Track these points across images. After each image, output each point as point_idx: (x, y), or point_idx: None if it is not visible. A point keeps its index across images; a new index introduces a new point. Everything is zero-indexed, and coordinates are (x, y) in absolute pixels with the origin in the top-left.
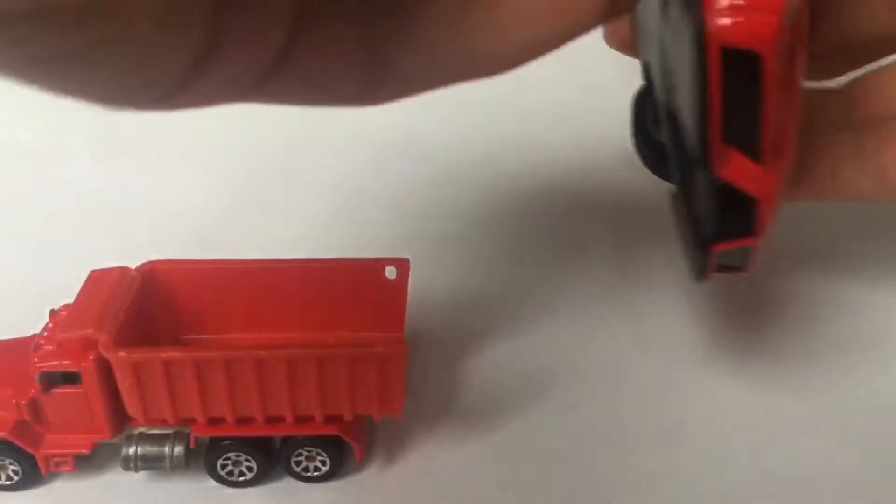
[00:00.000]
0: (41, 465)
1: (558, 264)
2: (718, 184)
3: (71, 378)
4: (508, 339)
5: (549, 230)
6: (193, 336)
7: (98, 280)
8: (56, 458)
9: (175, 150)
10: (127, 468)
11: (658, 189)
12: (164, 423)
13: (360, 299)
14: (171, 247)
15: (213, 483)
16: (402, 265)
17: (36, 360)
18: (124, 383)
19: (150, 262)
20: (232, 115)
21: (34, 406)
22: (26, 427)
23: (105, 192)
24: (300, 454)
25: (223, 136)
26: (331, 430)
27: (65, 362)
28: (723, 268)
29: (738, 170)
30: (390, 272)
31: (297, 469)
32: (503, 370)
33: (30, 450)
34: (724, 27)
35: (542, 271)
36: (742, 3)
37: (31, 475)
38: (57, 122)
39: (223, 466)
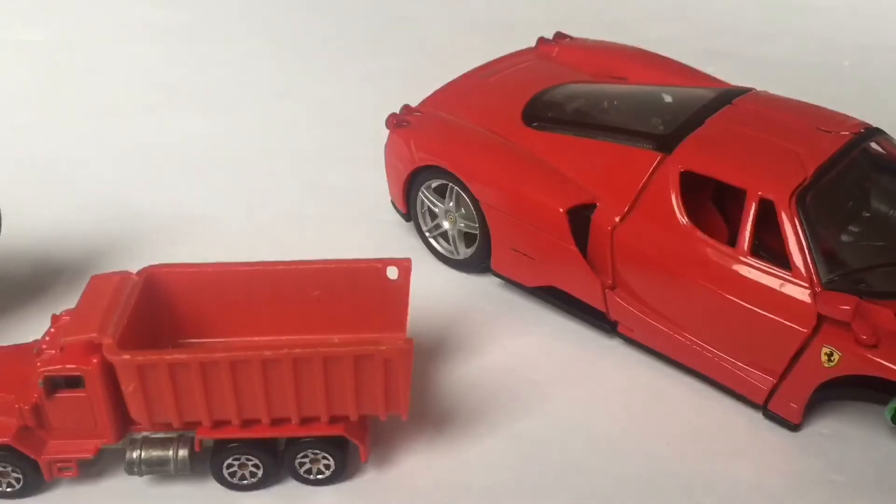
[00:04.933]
0: (44, 470)
1: None
2: None
3: (74, 382)
4: (511, 339)
5: None
6: (195, 339)
7: (99, 285)
8: (59, 464)
9: (175, 155)
10: (131, 472)
11: None
12: (168, 426)
13: (361, 300)
14: (171, 250)
15: (217, 487)
16: (403, 265)
17: (39, 364)
18: (128, 387)
19: (151, 267)
20: (234, 120)
21: (37, 411)
22: (29, 433)
23: (107, 198)
24: (305, 456)
25: (225, 141)
26: (336, 431)
27: (68, 366)
28: None
29: None
30: (392, 272)
31: (302, 472)
32: (505, 370)
33: (33, 455)
34: None
35: None
36: None
37: (33, 482)
38: (61, 130)
39: (229, 468)
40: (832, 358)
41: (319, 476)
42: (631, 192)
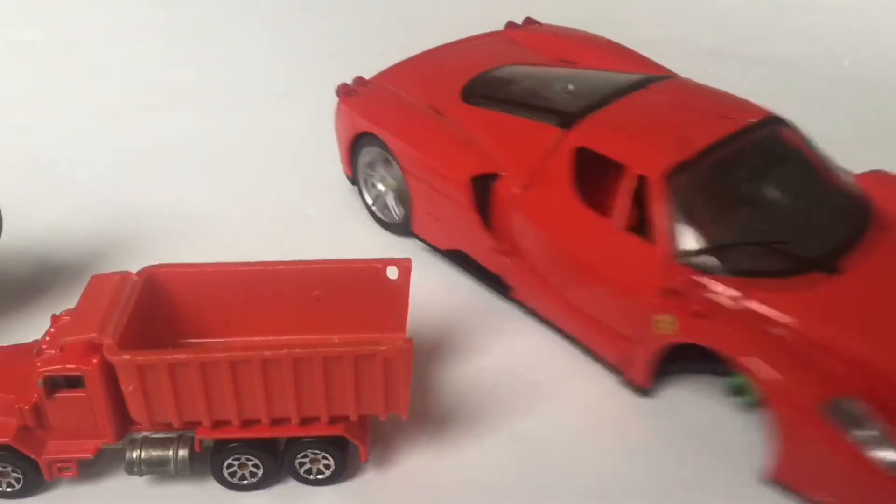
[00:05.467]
0: (44, 470)
1: None
2: None
3: (74, 382)
4: (511, 339)
5: None
6: (195, 339)
7: (99, 285)
8: (59, 464)
9: (175, 155)
10: (131, 472)
11: None
12: (168, 426)
13: (361, 300)
14: (171, 251)
15: (217, 487)
16: (403, 265)
17: (39, 364)
18: (128, 387)
19: (151, 267)
20: (234, 120)
21: (37, 411)
22: (29, 433)
23: (107, 198)
24: (305, 456)
25: (225, 141)
26: (336, 431)
27: (68, 366)
28: None
29: None
30: (392, 272)
31: (302, 472)
32: (505, 370)
33: (33, 455)
34: None
35: None
36: None
37: (34, 482)
38: (61, 130)
39: (229, 468)
40: (667, 325)
41: (319, 476)
42: (531, 164)
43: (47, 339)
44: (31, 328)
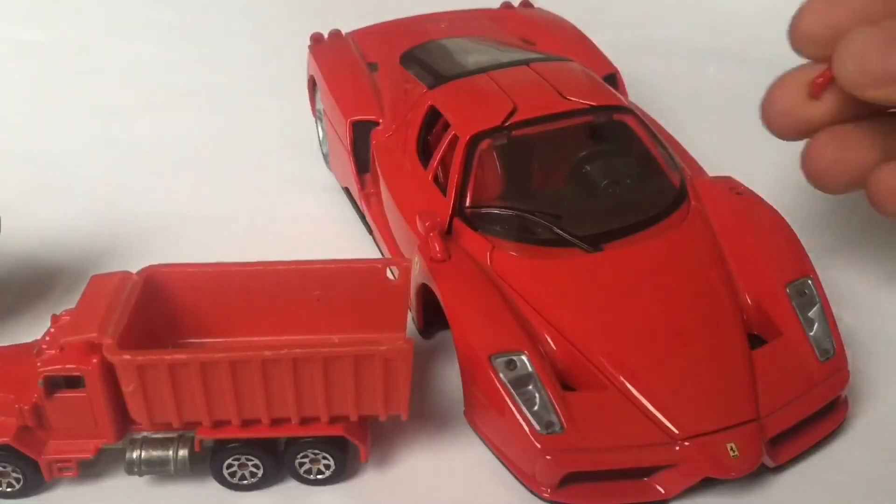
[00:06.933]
0: (44, 470)
1: None
2: None
3: (74, 382)
4: None
5: None
6: (195, 339)
7: (99, 285)
8: (59, 464)
9: (175, 155)
10: (131, 472)
11: None
12: (168, 426)
13: (361, 300)
14: (171, 251)
15: (216, 487)
16: (403, 265)
17: (39, 364)
18: (128, 387)
19: (151, 267)
20: (234, 120)
21: (37, 411)
22: (29, 433)
23: (107, 198)
24: (305, 456)
25: (225, 141)
26: (336, 431)
27: (68, 366)
28: None
29: None
30: (392, 272)
31: (302, 472)
32: None
33: (33, 455)
34: None
35: None
36: None
37: (33, 482)
38: (61, 130)
39: (229, 468)
40: (416, 266)
41: (319, 476)
42: (399, 116)
43: (47, 339)
44: (30, 328)
